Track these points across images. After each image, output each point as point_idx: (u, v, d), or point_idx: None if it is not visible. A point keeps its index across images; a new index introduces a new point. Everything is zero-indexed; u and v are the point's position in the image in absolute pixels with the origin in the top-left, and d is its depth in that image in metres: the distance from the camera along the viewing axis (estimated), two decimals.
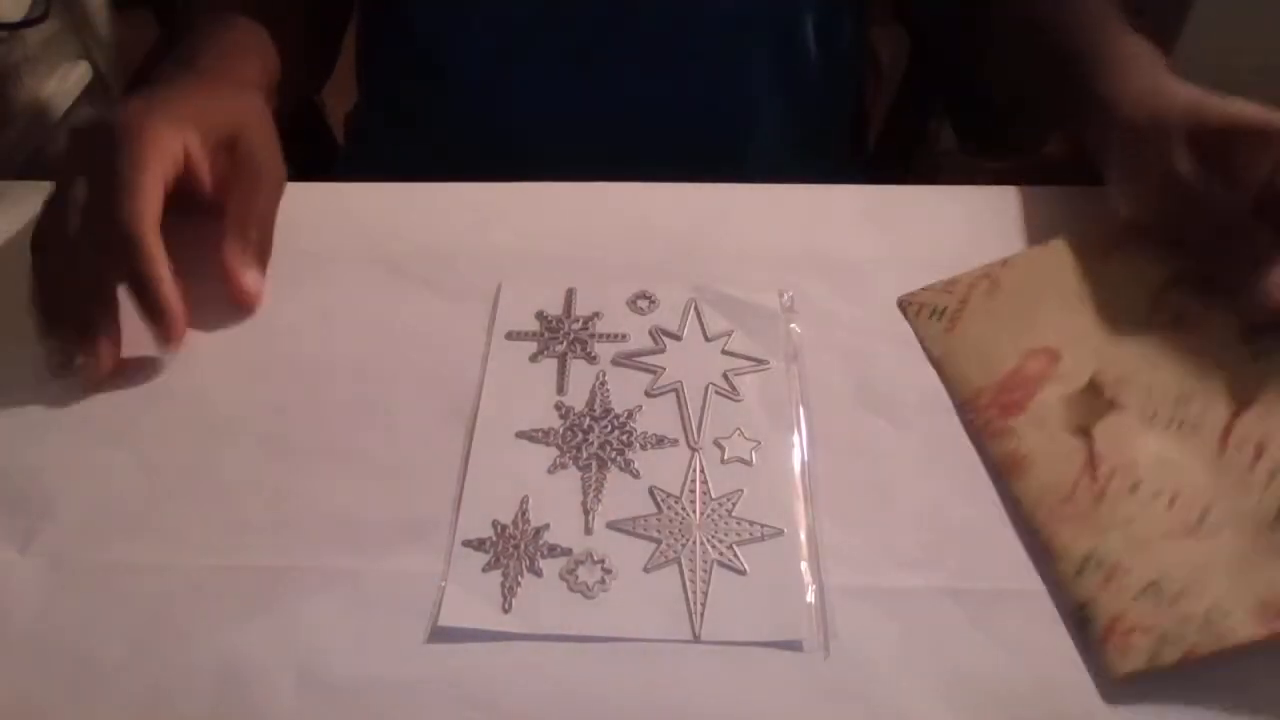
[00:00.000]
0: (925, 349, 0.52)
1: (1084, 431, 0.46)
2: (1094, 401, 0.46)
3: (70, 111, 1.32)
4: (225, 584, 0.43)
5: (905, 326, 0.54)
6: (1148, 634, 0.39)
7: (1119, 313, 0.49)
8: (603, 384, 0.51)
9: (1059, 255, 0.53)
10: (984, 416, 0.48)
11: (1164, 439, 0.45)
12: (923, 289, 0.55)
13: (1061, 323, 0.50)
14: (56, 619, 0.41)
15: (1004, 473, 0.46)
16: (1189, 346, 0.47)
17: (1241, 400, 0.44)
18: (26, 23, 1.05)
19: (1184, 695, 0.39)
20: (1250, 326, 0.46)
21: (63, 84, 1.30)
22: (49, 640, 0.41)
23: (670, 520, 0.45)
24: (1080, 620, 0.40)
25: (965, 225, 0.60)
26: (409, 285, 0.56)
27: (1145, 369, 0.47)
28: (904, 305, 0.54)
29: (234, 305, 0.54)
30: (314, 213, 0.61)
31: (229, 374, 0.51)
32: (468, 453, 0.47)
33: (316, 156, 0.92)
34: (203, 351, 0.52)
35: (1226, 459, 0.43)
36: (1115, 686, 0.39)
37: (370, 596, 0.42)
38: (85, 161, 0.49)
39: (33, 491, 0.46)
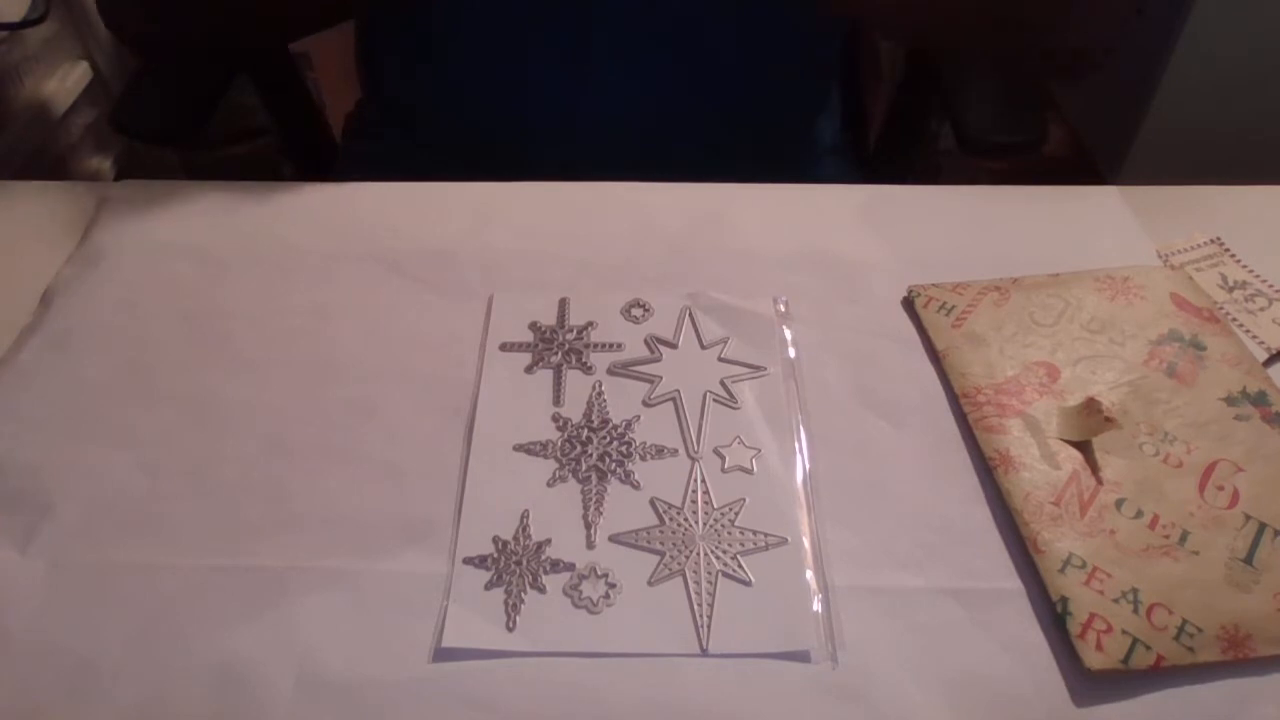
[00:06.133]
0: (929, 339, 0.53)
1: (1077, 444, 0.47)
2: (1090, 418, 0.47)
3: (70, 111, 1.32)
4: (225, 584, 0.43)
5: (905, 326, 0.54)
6: (1123, 636, 0.40)
7: (1120, 350, 0.51)
8: (599, 394, 0.51)
9: (1068, 288, 0.55)
10: (981, 411, 0.48)
11: (1149, 466, 0.46)
12: (932, 284, 0.55)
13: (1065, 346, 0.52)
14: (56, 619, 0.41)
15: (993, 467, 0.46)
16: (1178, 395, 0.49)
17: (1221, 451, 0.47)
18: (26, 23, 1.05)
19: (1182, 695, 0.39)
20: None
21: (63, 84, 1.30)
22: (49, 640, 0.41)
23: (673, 532, 0.45)
24: (1059, 614, 0.41)
25: (965, 225, 0.60)
26: (408, 284, 0.56)
27: (1137, 404, 0.49)
28: (913, 294, 0.55)
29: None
30: (314, 213, 0.61)
31: (229, 374, 0.51)
32: (466, 460, 0.47)
33: (316, 156, 0.92)
34: (202, 352, 0.52)
35: (1206, 496, 0.45)
36: (1110, 685, 0.39)
37: (370, 597, 0.42)
38: None
39: (33, 491, 0.46)
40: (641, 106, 0.72)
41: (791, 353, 0.52)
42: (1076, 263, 0.56)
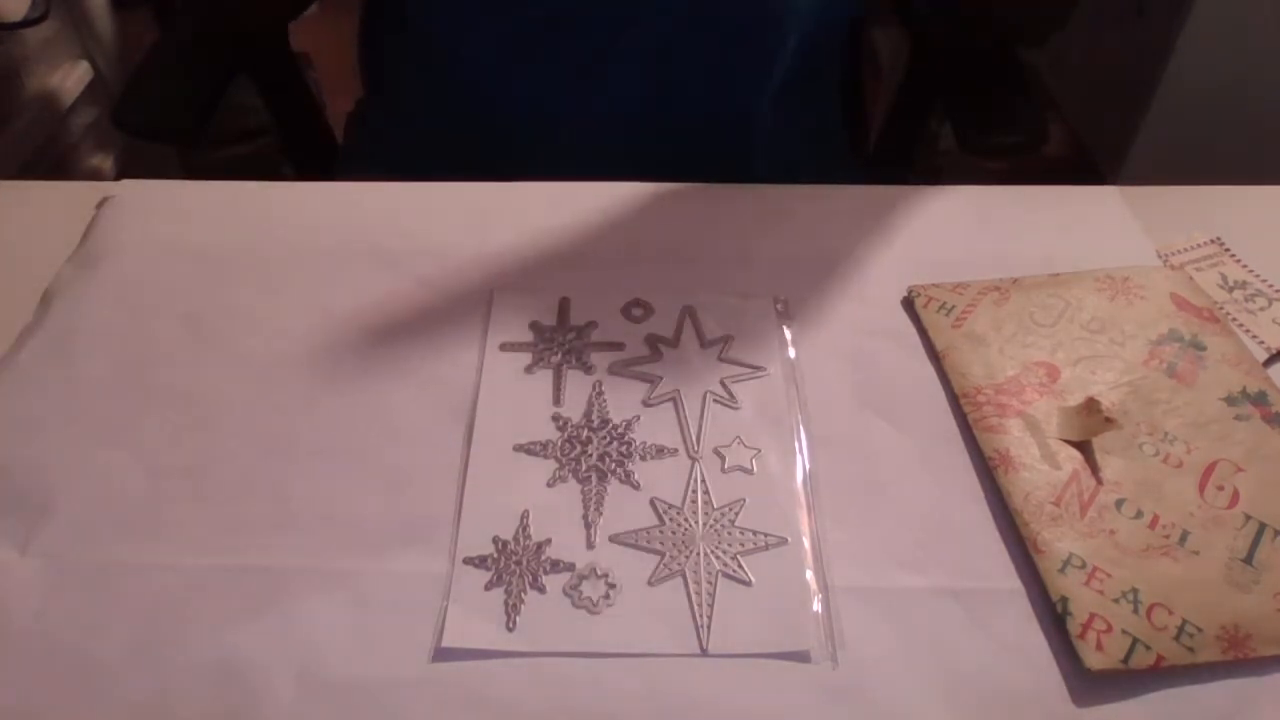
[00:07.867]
0: (929, 339, 0.53)
1: (1077, 443, 0.47)
2: (1089, 418, 0.47)
3: (71, 110, 1.32)
4: (225, 584, 0.42)
5: (905, 326, 0.54)
6: (1123, 636, 0.40)
7: (1120, 350, 0.51)
8: (600, 394, 0.51)
9: (1068, 288, 0.54)
10: (981, 411, 0.48)
11: (1149, 466, 0.46)
12: (932, 284, 0.55)
13: (1065, 346, 0.52)
14: (56, 619, 0.41)
15: (993, 467, 0.46)
16: (1179, 395, 0.49)
17: (1220, 451, 0.47)
18: (26, 23, 1.05)
19: (1182, 695, 0.39)
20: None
21: (63, 83, 1.30)
22: (49, 640, 0.41)
23: (673, 532, 0.45)
24: (1059, 614, 0.41)
25: (965, 225, 0.60)
26: (408, 284, 0.56)
27: (1137, 404, 0.49)
28: (913, 294, 0.55)
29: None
30: (314, 212, 0.61)
31: (229, 374, 0.51)
32: (466, 460, 0.47)
33: (316, 156, 0.92)
34: (202, 352, 0.52)
35: (1206, 497, 0.45)
36: (1110, 685, 0.39)
37: (370, 597, 0.42)
38: None
39: (33, 491, 0.46)
40: (641, 107, 0.72)
41: (791, 353, 0.52)
42: (1076, 263, 0.56)
